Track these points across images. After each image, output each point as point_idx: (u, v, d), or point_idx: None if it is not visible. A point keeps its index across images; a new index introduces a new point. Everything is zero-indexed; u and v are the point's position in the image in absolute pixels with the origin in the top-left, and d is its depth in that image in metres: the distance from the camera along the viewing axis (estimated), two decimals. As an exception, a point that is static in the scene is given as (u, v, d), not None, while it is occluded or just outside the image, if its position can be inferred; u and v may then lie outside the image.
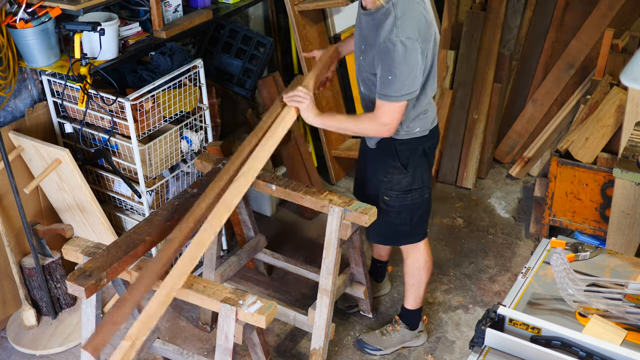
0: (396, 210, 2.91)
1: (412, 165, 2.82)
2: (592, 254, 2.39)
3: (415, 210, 2.93)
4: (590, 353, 1.92)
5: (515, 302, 2.21)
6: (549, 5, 4.36)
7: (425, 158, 2.85)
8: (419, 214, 2.95)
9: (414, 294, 3.13)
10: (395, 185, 2.85)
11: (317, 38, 4.14)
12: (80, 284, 2.39)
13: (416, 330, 3.23)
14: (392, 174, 2.84)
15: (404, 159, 2.80)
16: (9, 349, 3.29)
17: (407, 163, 2.80)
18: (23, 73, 3.25)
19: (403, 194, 2.87)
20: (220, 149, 3.36)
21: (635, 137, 2.89)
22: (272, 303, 2.37)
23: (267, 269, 3.72)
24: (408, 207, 2.90)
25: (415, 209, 2.93)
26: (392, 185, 2.86)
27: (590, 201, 3.62)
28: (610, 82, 3.86)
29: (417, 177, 2.85)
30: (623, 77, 1.73)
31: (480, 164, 4.40)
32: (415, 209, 2.93)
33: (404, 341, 3.23)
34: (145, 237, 2.62)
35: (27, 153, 3.22)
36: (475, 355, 2.03)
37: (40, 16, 2.98)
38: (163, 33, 3.32)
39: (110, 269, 2.45)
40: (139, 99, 3.11)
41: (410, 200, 2.88)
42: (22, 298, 3.32)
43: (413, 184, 2.85)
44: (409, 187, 2.85)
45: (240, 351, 3.17)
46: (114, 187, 3.42)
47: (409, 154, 2.80)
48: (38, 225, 3.31)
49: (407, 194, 2.87)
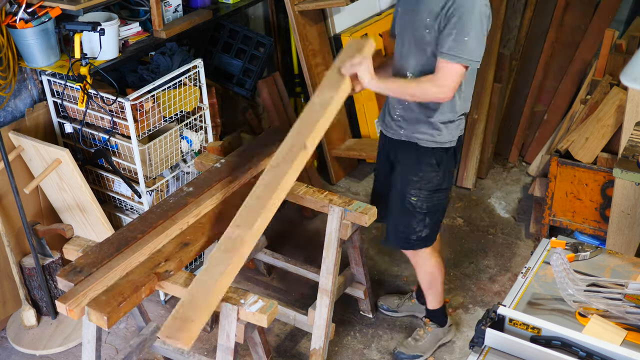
0: (422, 212, 2.84)
1: (444, 164, 2.78)
2: (592, 254, 2.39)
3: (435, 212, 2.88)
4: (590, 353, 1.92)
5: (515, 302, 2.21)
6: (549, 5, 4.36)
7: (454, 158, 2.82)
8: (437, 216, 2.91)
9: (432, 296, 3.12)
10: (426, 184, 2.79)
11: (317, 38, 4.14)
12: (70, 280, 2.39)
13: (446, 325, 3.23)
14: (424, 171, 2.77)
15: (438, 157, 2.75)
16: (9, 349, 3.30)
17: (440, 161, 2.76)
18: (23, 73, 3.25)
19: (432, 193, 2.81)
20: (220, 149, 3.36)
21: (635, 137, 2.89)
22: (273, 302, 2.37)
23: (267, 269, 3.72)
24: (433, 208, 2.84)
25: (436, 211, 2.88)
26: (422, 184, 2.79)
27: (590, 201, 3.62)
28: (610, 82, 3.87)
29: (446, 177, 2.81)
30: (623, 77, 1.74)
31: (480, 164, 4.40)
32: (436, 211, 2.88)
33: (438, 339, 3.22)
34: (138, 235, 2.62)
35: (27, 153, 3.22)
36: (475, 355, 2.03)
37: (40, 16, 2.98)
38: (163, 33, 3.32)
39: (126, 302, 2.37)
40: (139, 99, 3.11)
41: (437, 201, 2.83)
42: (22, 298, 3.32)
43: (442, 184, 2.80)
44: (438, 186, 2.80)
45: (241, 351, 3.17)
46: (114, 187, 3.42)
47: (443, 152, 2.76)
48: (38, 225, 3.31)
49: (435, 193, 2.81)
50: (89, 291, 2.34)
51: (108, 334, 3.34)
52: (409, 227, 2.88)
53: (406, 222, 2.87)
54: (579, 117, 3.83)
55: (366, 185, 4.44)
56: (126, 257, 2.51)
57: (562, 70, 4.41)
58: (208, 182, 2.95)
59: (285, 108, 4.17)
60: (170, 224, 2.70)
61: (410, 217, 2.86)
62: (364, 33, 4.28)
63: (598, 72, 4.01)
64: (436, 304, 3.16)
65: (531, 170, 4.43)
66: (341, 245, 2.91)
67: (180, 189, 2.92)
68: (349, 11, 4.32)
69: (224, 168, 3.06)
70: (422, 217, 2.85)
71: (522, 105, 4.52)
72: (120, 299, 2.31)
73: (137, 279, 2.40)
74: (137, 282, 2.39)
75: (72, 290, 2.36)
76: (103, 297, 2.32)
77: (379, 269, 3.73)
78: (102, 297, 2.31)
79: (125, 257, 2.51)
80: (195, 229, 2.67)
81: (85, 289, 2.35)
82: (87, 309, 2.28)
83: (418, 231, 2.88)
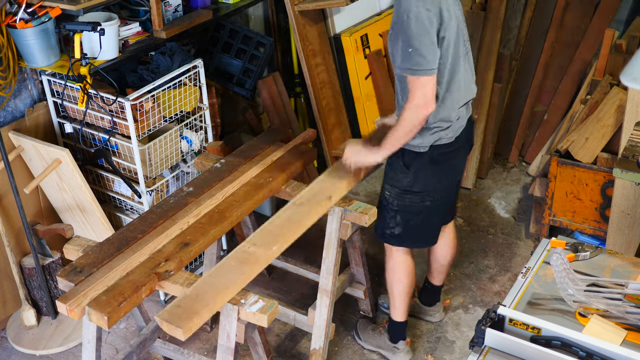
0: (393, 209, 2.84)
1: (414, 167, 2.72)
2: (592, 254, 2.39)
3: (406, 213, 2.83)
4: (590, 353, 1.92)
5: (515, 302, 2.21)
6: (549, 5, 4.36)
7: (432, 165, 2.72)
8: (417, 220, 2.85)
9: (392, 302, 3.07)
10: (396, 182, 2.79)
11: (317, 38, 4.14)
12: (70, 280, 2.40)
13: (396, 343, 3.14)
14: (394, 170, 2.78)
15: (407, 159, 2.72)
16: (9, 349, 3.30)
17: (409, 163, 2.72)
18: (23, 73, 3.25)
19: (402, 193, 2.79)
20: (220, 149, 3.36)
21: (635, 137, 2.89)
22: (273, 302, 2.37)
23: (267, 269, 3.71)
24: (405, 208, 2.82)
25: (407, 212, 2.83)
26: (393, 182, 2.80)
27: (590, 201, 3.62)
28: (610, 82, 3.87)
29: (419, 180, 2.74)
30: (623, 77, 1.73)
31: (480, 163, 4.40)
32: (407, 212, 2.83)
33: (379, 347, 3.21)
34: (138, 235, 2.62)
35: (27, 153, 3.22)
36: (475, 355, 2.03)
37: (40, 16, 2.98)
38: (163, 33, 3.32)
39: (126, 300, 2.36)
40: (139, 99, 3.11)
41: (409, 202, 2.80)
42: (22, 298, 3.32)
43: (414, 186, 2.76)
44: (409, 187, 2.77)
45: (241, 351, 3.17)
46: (114, 187, 3.42)
47: (414, 155, 2.71)
48: (38, 225, 3.31)
49: (406, 194, 2.78)
50: (89, 291, 2.34)
51: (108, 334, 3.34)
52: (383, 221, 2.91)
53: (382, 214, 2.90)
54: (579, 117, 3.83)
55: (366, 185, 4.44)
56: (126, 257, 2.51)
57: (562, 70, 4.41)
58: (208, 182, 2.95)
59: (285, 108, 4.17)
60: (170, 224, 2.70)
61: (384, 211, 2.89)
62: (364, 33, 4.29)
63: (598, 72, 4.01)
64: (393, 314, 3.09)
65: (531, 170, 4.43)
66: (341, 245, 2.91)
67: (180, 189, 2.92)
68: (349, 11, 4.31)
69: (224, 168, 3.06)
70: (394, 214, 2.85)
71: (522, 105, 4.52)
72: (121, 299, 2.31)
73: (137, 279, 2.40)
74: (138, 282, 2.38)
75: (72, 290, 2.36)
76: (103, 297, 2.31)
77: (379, 269, 3.73)
78: (103, 297, 2.31)
79: (126, 257, 2.51)
80: (195, 229, 2.67)
81: (85, 289, 2.35)
82: (87, 309, 2.28)
83: (391, 227, 2.88)
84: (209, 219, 2.73)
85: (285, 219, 2.68)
